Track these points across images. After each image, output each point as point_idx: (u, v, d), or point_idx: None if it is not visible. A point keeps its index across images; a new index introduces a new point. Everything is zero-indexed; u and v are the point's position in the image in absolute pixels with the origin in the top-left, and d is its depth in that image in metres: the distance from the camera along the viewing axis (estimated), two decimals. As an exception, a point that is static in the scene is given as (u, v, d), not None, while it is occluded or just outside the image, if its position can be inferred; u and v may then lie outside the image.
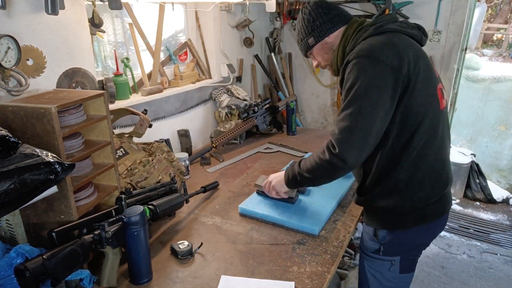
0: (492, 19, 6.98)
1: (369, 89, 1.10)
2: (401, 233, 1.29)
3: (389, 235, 1.30)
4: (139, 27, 1.99)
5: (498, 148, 3.76)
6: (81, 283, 1.10)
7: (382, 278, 1.38)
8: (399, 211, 1.26)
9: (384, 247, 1.32)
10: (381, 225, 1.31)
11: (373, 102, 1.10)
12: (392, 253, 1.33)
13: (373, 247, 1.35)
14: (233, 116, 2.54)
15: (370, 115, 1.10)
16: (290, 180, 1.38)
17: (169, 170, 1.68)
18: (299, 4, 3.10)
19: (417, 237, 1.31)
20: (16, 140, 0.95)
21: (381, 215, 1.31)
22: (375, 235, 1.33)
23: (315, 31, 1.32)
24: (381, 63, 1.10)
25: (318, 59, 1.40)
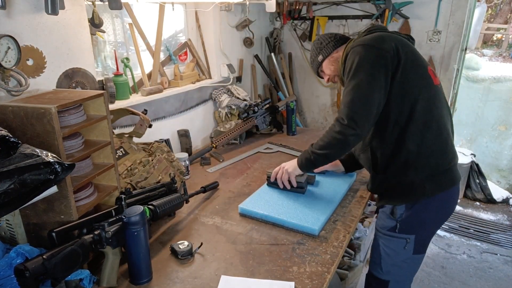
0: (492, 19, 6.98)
1: (364, 66, 1.30)
2: (418, 208, 1.39)
3: (406, 211, 1.40)
4: (139, 27, 1.99)
5: (498, 148, 3.76)
6: (81, 283, 1.10)
7: (396, 256, 1.47)
8: (416, 182, 1.37)
9: (401, 224, 1.42)
10: (400, 201, 1.41)
11: (368, 76, 1.29)
12: (408, 231, 1.42)
13: (389, 225, 1.44)
14: (233, 116, 2.54)
15: (367, 87, 1.29)
16: (303, 162, 1.52)
17: (169, 170, 1.68)
18: (299, 4, 3.10)
19: (433, 212, 1.42)
20: (16, 140, 0.95)
21: (400, 191, 1.41)
22: (392, 213, 1.43)
23: (322, 50, 1.59)
24: (372, 47, 1.32)
25: (327, 72, 1.61)
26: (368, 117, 1.31)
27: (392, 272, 1.52)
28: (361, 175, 1.91)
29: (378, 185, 1.48)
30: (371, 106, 1.30)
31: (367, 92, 1.29)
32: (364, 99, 1.30)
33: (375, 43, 1.32)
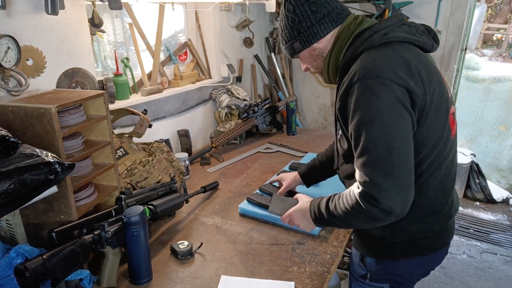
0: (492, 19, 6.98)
1: (390, 120, 0.90)
2: (389, 263, 1.17)
3: (376, 264, 1.18)
4: (139, 27, 1.99)
5: (498, 148, 3.76)
6: (81, 283, 1.10)
7: None
8: (388, 241, 1.12)
9: (371, 274, 1.21)
10: (369, 253, 1.19)
11: (400, 133, 0.91)
12: (379, 280, 1.21)
13: (360, 272, 1.24)
14: (233, 116, 2.54)
15: (403, 150, 0.91)
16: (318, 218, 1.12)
17: (169, 170, 1.68)
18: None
19: (408, 269, 1.18)
20: (16, 140, 0.95)
21: (369, 242, 1.19)
22: (362, 261, 1.22)
23: (301, 35, 1.10)
24: (394, 85, 0.90)
25: (308, 64, 1.21)
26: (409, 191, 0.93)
27: None
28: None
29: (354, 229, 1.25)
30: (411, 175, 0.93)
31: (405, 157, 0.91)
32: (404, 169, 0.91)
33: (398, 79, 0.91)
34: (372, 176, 0.91)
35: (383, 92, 0.90)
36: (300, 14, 1.08)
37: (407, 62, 0.94)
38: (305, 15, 1.08)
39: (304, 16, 1.08)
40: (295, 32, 1.11)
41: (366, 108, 0.92)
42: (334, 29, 1.09)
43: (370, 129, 0.91)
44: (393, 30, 1.00)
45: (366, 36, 1.00)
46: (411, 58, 0.96)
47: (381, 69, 0.92)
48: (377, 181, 0.90)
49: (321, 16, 1.07)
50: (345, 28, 1.07)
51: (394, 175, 0.90)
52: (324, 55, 1.12)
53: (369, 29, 1.02)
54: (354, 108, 0.94)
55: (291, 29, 1.12)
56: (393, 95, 0.91)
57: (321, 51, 1.13)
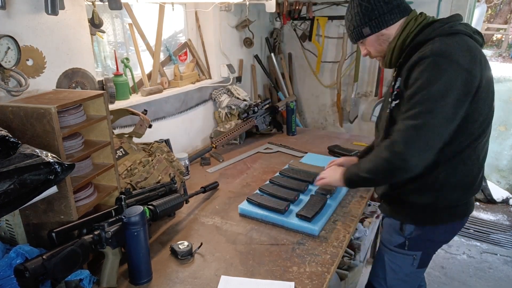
0: (492, 19, 6.98)
1: (446, 91, 1.06)
2: (428, 229, 1.32)
3: (416, 230, 1.32)
4: (139, 27, 1.99)
5: (498, 148, 3.76)
6: (81, 283, 1.10)
7: (401, 271, 1.41)
8: (432, 208, 1.28)
9: (410, 241, 1.34)
10: (411, 220, 1.33)
11: (448, 104, 1.07)
12: (415, 248, 1.35)
13: (397, 241, 1.37)
14: (233, 117, 2.54)
15: (442, 117, 1.07)
16: (348, 180, 1.35)
17: (169, 170, 1.68)
18: (299, 4, 3.10)
19: (443, 234, 1.35)
20: (16, 140, 0.95)
21: (412, 210, 1.32)
22: (401, 229, 1.34)
23: (372, 21, 1.25)
24: (459, 66, 1.07)
25: (370, 49, 1.34)
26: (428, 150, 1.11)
27: (395, 286, 1.46)
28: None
29: (393, 197, 1.38)
30: (437, 140, 1.10)
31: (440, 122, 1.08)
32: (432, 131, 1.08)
33: (463, 61, 1.08)
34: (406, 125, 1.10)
35: (449, 69, 1.07)
36: (374, 3, 1.24)
37: (470, 50, 1.11)
38: (378, 5, 1.23)
39: (377, 5, 1.23)
40: (366, 18, 1.25)
41: (431, 78, 1.08)
42: (401, 19, 1.25)
43: (427, 94, 1.08)
44: (457, 24, 1.17)
45: (437, 26, 1.18)
46: (473, 47, 1.13)
47: (451, 51, 1.09)
48: (407, 130, 1.10)
49: (392, 6, 1.24)
50: (412, 20, 1.24)
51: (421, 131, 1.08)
52: (390, 40, 1.27)
53: (438, 21, 1.20)
54: (418, 76, 1.11)
55: (363, 15, 1.26)
56: (456, 74, 1.07)
57: (388, 36, 1.27)
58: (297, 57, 3.40)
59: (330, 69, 3.29)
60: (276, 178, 1.76)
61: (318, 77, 3.37)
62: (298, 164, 1.92)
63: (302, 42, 3.29)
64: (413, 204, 1.31)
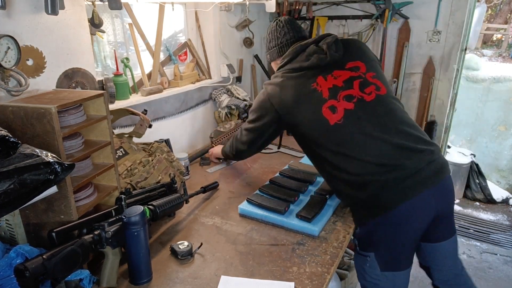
0: (492, 19, 6.98)
1: None
2: (366, 228, 1.35)
3: (360, 231, 1.40)
4: (139, 27, 1.99)
5: (497, 148, 3.76)
6: (81, 283, 1.10)
7: (365, 273, 1.40)
8: (353, 207, 1.40)
9: (359, 242, 1.41)
10: (355, 221, 1.44)
11: None
12: (365, 249, 1.38)
13: (354, 242, 1.45)
14: (233, 116, 2.54)
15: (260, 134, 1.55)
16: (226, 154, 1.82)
17: (169, 170, 1.68)
18: (299, 4, 3.10)
19: (383, 229, 1.29)
20: (16, 140, 0.95)
21: (352, 210, 1.44)
22: (354, 232, 1.45)
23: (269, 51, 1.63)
24: None
25: None
26: None
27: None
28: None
29: None
30: None
31: None
32: None
33: None
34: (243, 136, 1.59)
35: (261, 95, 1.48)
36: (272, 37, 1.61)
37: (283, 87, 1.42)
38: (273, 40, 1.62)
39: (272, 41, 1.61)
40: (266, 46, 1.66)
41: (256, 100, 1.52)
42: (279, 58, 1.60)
43: None
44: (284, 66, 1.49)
45: None
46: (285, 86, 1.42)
47: None
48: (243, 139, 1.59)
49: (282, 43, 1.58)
50: None
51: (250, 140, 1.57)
52: None
53: None
54: None
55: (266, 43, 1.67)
56: None
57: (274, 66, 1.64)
58: (297, 57, 3.40)
59: (330, 69, 3.29)
60: (276, 178, 1.76)
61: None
62: (298, 164, 1.92)
63: (302, 42, 3.29)
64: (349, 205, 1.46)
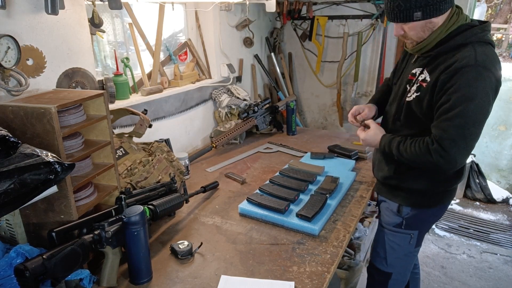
0: (492, 19, 6.98)
1: (484, 101, 1.18)
2: (422, 211, 1.48)
3: (412, 211, 1.48)
4: (139, 27, 1.99)
5: (498, 148, 3.76)
6: (81, 283, 1.10)
7: (400, 250, 1.56)
8: (427, 193, 1.43)
9: (406, 221, 1.49)
10: (407, 203, 1.47)
11: (484, 113, 1.20)
12: (412, 227, 1.51)
13: (395, 221, 1.52)
14: (233, 116, 2.54)
15: (480, 125, 1.21)
16: (385, 151, 1.41)
17: (169, 170, 1.68)
18: (299, 4, 3.10)
19: (434, 214, 1.53)
20: (16, 140, 0.95)
21: (409, 195, 1.46)
22: (399, 211, 1.50)
23: (428, 7, 1.19)
24: (494, 77, 1.18)
25: (410, 32, 1.28)
26: (469, 154, 1.25)
27: (395, 264, 1.60)
28: (361, 175, 1.92)
29: (390, 181, 1.50)
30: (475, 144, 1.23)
31: (479, 130, 1.21)
32: (475, 139, 1.22)
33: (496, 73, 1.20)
34: (454, 134, 1.19)
35: (487, 80, 1.17)
36: None
37: (499, 62, 1.23)
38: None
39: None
40: (422, 2, 1.19)
41: (471, 87, 1.16)
42: (449, 9, 1.25)
43: (469, 103, 1.16)
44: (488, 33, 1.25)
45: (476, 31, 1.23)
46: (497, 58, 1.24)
47: (490, 63, 1.19)
48: (456, 139, 1.19)
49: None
50: (454, 14, 1.26)
51: (468, 140, 1.20)
52: (435, 29, 1.25)
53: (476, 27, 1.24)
54: (460, 84, 1.17)
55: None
56: (491, 84, 1.18)
57: (434, 25, 1.25)
58: (297, 56, 3.40)
59: (330, 69, 3.29)
60: (276, 177, 1.76)
61: (318, 76, 3.37)
62: (298, 163, 1.92)
63: (302, 42, 3.29)
64: (410, 189, 1.45)
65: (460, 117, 1.18)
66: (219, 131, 2.36)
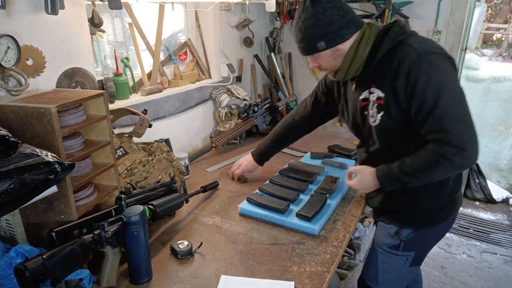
0: (492, 19, 6.98)
1: (452, 79, 1.12)
2: (425, 231, 1.37)
3: (413, 233, 1.37)
4: (139, 27, 1.99)
5: (498, 148, 3.76)
6: (81, 283, 1.10)
7: (393, 271, 1.46)
8: (429, 211, 1.34)
9: (405, 243, 1.38)
10: (409, 225, 1.37)
11: (459, 88, 1.14)
12: (409, 249, 1.40)
13: (392, 243, 1.41)
14: (233, 116, 2.54)
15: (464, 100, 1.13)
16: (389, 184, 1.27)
17: (169, 170, 1.68)
18: (299, 4, 3.10)
19: (439, 232, 1.43)
20: (16, 140, 0.95)
21: (410, 216, 1.37)
22: (397, 233, 1.38)
23: (328, 36, 1.19)
24: (440, 55, 1.14)
25: (322, 63, 1.29)
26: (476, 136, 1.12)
27: (387, 284, 1.51)
28: (361, 175, 1.91)
29: (386, 205, 1.41)
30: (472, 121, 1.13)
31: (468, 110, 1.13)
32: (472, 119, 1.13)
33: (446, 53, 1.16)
34: (456, 130, 1.10)
35: (437, 60, 1.12)
36: (330, 17, 1.18)
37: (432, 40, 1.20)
38: (334, 18, 1.18)
39: (333, 19, 1.18)
40: (322, 32, 1.19)
41: (433, 77, 1.10)
42: (355, 33, 1.23)
43: (443, 93, 1.10)
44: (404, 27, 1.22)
45: (396, 29, 1.20)
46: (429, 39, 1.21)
47: (431, 46, 1.16)
48: (462, 133, 1.10)
49: (347, 20, 1.20)
50: (366, 31, 1.23)
51: (471, 126, 1.11)
52: (344, 54, 1.24)
53: (394, 27, 1.21)
54: (422, 81, 1.11)
55: (318, 29, 1.19)
56: (443, 62, 1.13)
57: (343, 51, 1.24)
58: (297, 56, 3.40)
59: (330, 69, 3.29)
60: (276, 177, 1.76)
61: (318, 76, 3.36)
62: (298, 163, 1.92)
63: (302, 42, 3.29)
64: (410, 210, 1.36)
65: (447, 112, 1.10)
66: (219, 131, 2.36)
